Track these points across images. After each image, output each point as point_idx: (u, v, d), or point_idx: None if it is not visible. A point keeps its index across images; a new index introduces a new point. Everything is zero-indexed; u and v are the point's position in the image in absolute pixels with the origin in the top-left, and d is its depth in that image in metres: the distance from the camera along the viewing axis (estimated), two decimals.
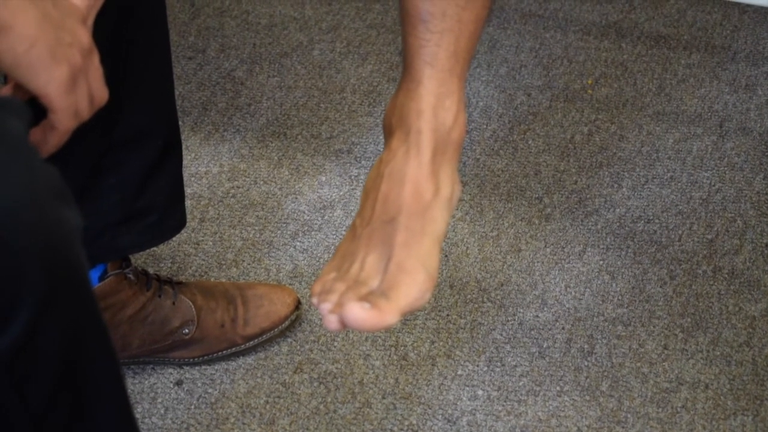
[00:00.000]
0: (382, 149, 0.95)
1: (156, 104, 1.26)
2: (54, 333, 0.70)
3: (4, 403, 0.71)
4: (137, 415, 1.32)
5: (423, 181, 0.88)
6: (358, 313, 0.80)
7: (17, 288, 0.65)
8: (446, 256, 1.51)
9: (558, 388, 1.35)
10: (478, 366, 1.38)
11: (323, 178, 1.63)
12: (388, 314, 0.81)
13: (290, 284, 1.47)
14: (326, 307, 0.84)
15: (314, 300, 0.87)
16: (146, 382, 1.34)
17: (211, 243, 1.52)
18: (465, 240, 1.54)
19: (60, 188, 0.68)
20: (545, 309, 1.45)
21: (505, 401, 1.34)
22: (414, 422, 1.31)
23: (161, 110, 1.27)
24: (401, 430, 1.30)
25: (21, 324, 0.66)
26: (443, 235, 0.88)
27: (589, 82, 1.83)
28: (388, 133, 0.92)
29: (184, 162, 1.63)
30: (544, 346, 1.40)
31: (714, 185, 1.64)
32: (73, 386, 0.74)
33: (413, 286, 0.84)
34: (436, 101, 0.89)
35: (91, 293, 0.74)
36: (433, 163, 0.89)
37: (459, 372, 1.37)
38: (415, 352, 1.39)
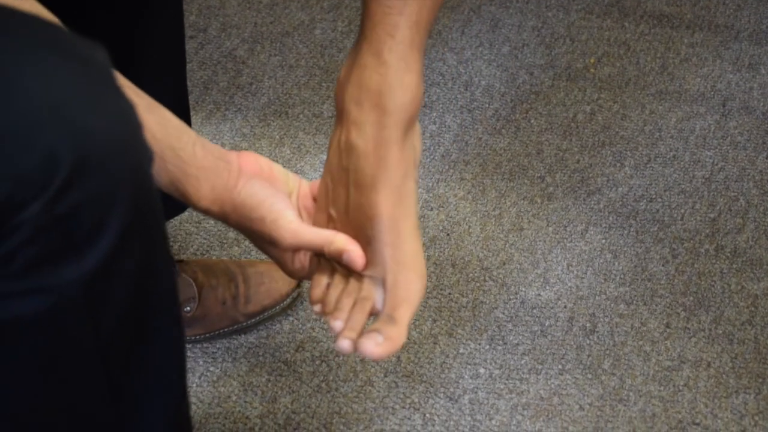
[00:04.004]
0: (335, 99, 0.95)
1: (167, 88, 1.26)
2: (132, 260, 0.72)
3: (77, 326, 0.72)
4: None
5: (391, 174, 0.89)
6: (374, 349, 0.86)
7: (110, 207, 0.68)
8: (448, 234, 1.51)
9: (560, 366, 1.35)
10: (479, 344, 1.38)
11: (325, 157, 1.62)
12: (399, 339, 0.87)
13: None
14: (339, 325, 0.89)
15: (316, 308, 0.93)
16: None
17: (212, 222, 1.52)
18: (467, 219, 1.54)
19: (140, 120, 0.71)
20: (547, 288, 1.45)
21: (506, 379, 1.34)
22: (416, 400, 1.31)
23: (172, 94, 1.27)
24: (403, 408, 1.30)
25: (107, 245, 0.69)
26: (417, 210, 0.92)
27: (592, 61, 1.82)
28: (343, 107, 0.91)
29: None
30: (546, 324, 1.40)
31: (717, 164, 1.64)
32: (140, 317, 0.76)
33: (413, 299, 0.89)
34: (397, 78, 0.88)
35: (163, 223, 0.77)
36: (396, 144, 0.89)
37: (461, 350, 1.37)
38: (417, 330, 1.39)
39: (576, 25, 1.89)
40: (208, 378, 1.33)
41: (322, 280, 0.93)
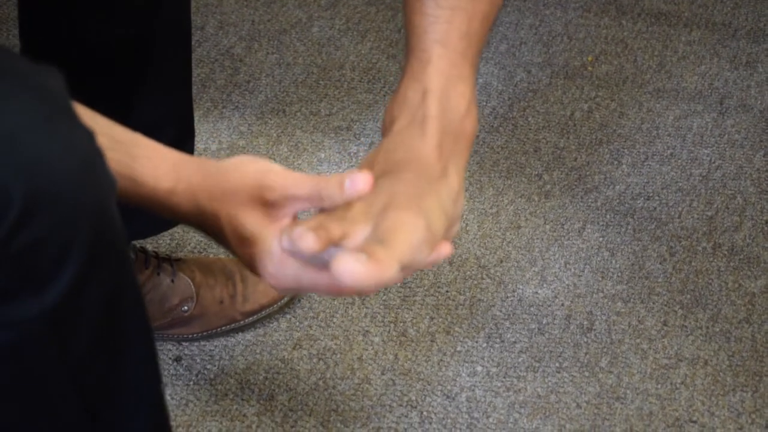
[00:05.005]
0: (381, 126, 0.88)
1: (172, 97, 1.26)
2: (97, 290, 0.70)
3: (44, 358, 0.71)
4: None
5: (431, 159, 0.77)
6: (353, 267, 0.65)
7: (68, 241, 0.65)
8: None
9: (557, 364, 1.35)
10: (477, 342, 1.38)
11: (322, 155, 1.62)
12: (388, 266, 0.67)
13: None
14: (301, 229, 0.69)
15: (286, 242, 0.71)
16: None
17: None
18: (464, 217, 1.54)
19: (100, 147, 0.68)
20: (545, 285, 1.45)
21: (504, 377, 1.34)
22: (413, 398, 1.31)
23: (177, 103, 1.27)
24: (400, 406, 1.30)
25: (68, 280, 0.66)
26: (450, 216, 0.76)
27: (589, 59, 1.82)
28: (389, 123, 0.81)
29: None
30: (544, 322, 1.40)
31: (714, 162, 1.64)
32: (111, 344, 0.74)
33: (414, 231, 0.71)
34: (447, 82, 0.79)
35: (127, 252, 0.74)
36: (440, 148, 0.78)
37: (458, 348, 1.37)
38: (415, 328, 1.39)
39: (573, 23, 1.89)
40: (205, 376, 1.33)
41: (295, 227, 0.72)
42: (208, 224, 0.76)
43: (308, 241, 0.67)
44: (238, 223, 0.75)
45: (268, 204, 0.74)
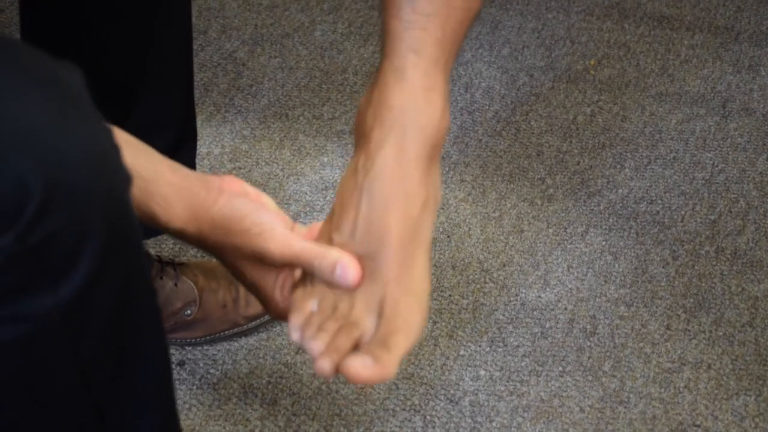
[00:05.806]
0: (353, 125, 0.89)
1: (173, 97, 1.26)
2: (110, 285, 0.70)
3: (55, 352, 0.71)
4: None
5: (410, 198, 0.82)
6: (362, 371, 0.77)
7: (84, 234, 0.66)
8: (448, 236, 1.51)
9: (560, 368, 1.35)
10: (480, 346, 1.38)
11: (325, 159, 1.62)
12: (391, 367, 0.78)
13: None
14: (318, 347, 0.79)
15: (295, 334, 0.82)
16: None
17: None
18: (467, 221, 1.54)
19: (116, 142, 0.68)
20: (547, 289, 1.45)
21: (507, 381, 1.34)
22: (416, 402, 1.31)
23: (178, 103, 1.27)
24: (403, 410, 1.30)
25: (83, 274, 0.67)
26: (430, 243, 0.85)
27: (592, 62, 1.83)
28: (363, 133, 0.84)
29: None
30: (547, 326, 1.40)
31: (717, 166, 1.64)
32: (122, 339, 0.74)
33: (412, 329, 0.81)
34: (421, 96, 0.83)
35: (142, 247, 0.74)
36: (418, 168, 0.83)
37: (461, 352, 1.37)
38: None
39: (576, 27, 1.89)
40: (208, 380, 1.33)
41: (306, 306, 0.83)
42: (216, 259, 0.87)
43: (325, 367, 0.78)
44: (240, 271, 0.86)
45: (266, 261, 0.84)
